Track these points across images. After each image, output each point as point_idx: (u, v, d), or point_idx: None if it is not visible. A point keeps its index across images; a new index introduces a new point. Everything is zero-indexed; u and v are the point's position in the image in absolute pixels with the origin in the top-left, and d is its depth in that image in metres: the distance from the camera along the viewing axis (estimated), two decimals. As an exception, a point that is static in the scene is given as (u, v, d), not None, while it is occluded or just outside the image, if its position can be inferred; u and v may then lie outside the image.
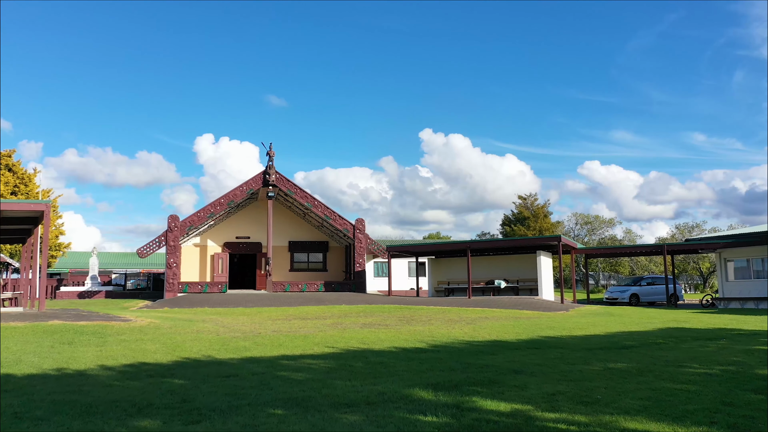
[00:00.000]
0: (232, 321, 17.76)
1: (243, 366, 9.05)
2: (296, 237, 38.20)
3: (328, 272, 38.14)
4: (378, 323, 16.99)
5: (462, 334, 14.12)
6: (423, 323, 17.01)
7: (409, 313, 20.91)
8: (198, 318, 18.55)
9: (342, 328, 15.31)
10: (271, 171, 33.51)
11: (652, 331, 15.27)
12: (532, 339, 13.20)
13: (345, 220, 34.36)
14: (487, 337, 13.54)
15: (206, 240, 37.10)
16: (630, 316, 20.62)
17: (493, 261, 31.35)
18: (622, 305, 30.79)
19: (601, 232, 54.72)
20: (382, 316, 19.62)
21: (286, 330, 14.86)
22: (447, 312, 21.70)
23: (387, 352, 10.72)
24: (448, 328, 15.37)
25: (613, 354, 10.87)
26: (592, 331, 14.92)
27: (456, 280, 31.90)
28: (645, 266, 51.37)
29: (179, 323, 15.90)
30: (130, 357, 9.86)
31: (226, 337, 12.89)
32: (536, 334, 14.25)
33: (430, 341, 12.56)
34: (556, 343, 12.41)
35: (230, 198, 33.23)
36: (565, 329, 15.43)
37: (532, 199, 54.64)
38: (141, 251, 31.82)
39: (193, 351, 10.60)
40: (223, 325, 15.83)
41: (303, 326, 15.97)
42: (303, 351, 10.80)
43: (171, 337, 12.56)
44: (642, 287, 34.38)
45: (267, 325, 16.17)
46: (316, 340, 12.47)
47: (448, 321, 17.81)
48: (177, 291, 31.64)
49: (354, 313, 21.27)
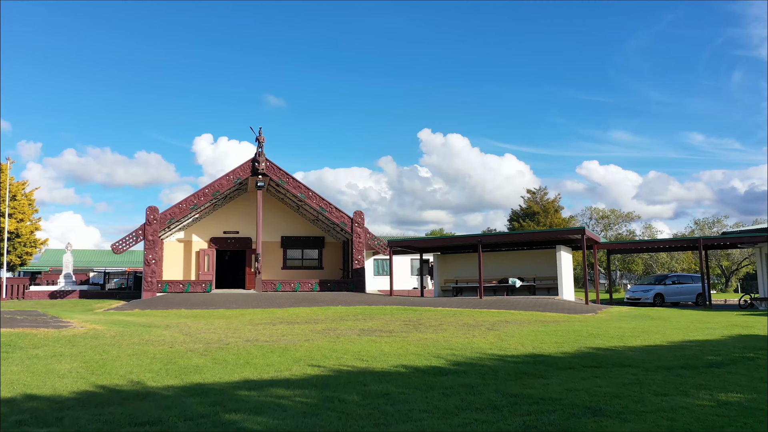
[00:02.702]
0: (203, 326, 14.70)
1: (177, 402, 5.99)
2: (289, 232, 35.07)
3: (324, 270, 35.02)
4: (379, 329, 13.95)
5: (487, 344, 11.07)
6: (434, 329, 13.96)
7: (415, 316, 17.87)
8: (163, 323, 15.47)
9: (335, 336, 12.26)
10: (260, 158, 30.39)
11: (723, 339, 12.22)
12: (580, 352, 10.15)
13: (342, 212, 31.26)
14: (520, 348, 10.49)
15: (191, 235, 33.99)
16: (674, 320, 17.57)
17: (507, 257, 28.25)
18: (646, 306, 27.87)
19: (617, 228, 51.51)
20: (384, 320, 16.57)
21: (265, 338, 11.81)
22: (459, 314, 18.65)
23: (393, 375, 7.68)
24: (467, 336, 12.32)
25: (706, 376, 7.83)
26: (648, 341, 11.87)
27: (465, 279, 28.82)
28: (664, 263, 48.18)
29: (132, 330, 12.83)
30: (21, 384, 6.81)
31: (180, 350, 9.83)
32: (581, 344, 11.20)
33: (449, 355, 9.51)
34: (616, 359, 9.36)
35: (215, 188, 30.11)
36: (611, 337, 12.38)
37: (541, 194, 51.35)
38: (116, 246, 28.70)
39: (120, 374, 7.54)
40: (187, 333, 12.76)
41: (287, 333, 12.92)
42: (276, 373, 7.75)
43: (104, 351, 9.50)
44: (667, 286, 31.41)
45: (243, 332, 13.12)
46: (299, 355, 9.41)
47: (464, 326, 14.76)
48: (156, 290, 28.55)
49: (351, 315, 18.21)
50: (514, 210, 53.15)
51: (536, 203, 50.78)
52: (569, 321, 16.81)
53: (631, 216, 51.92)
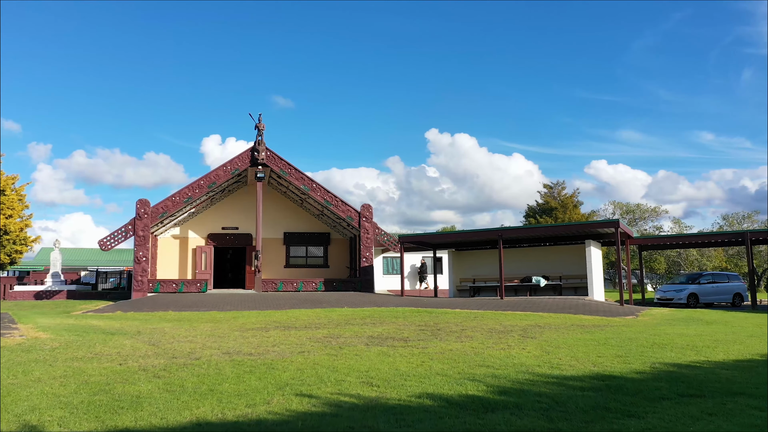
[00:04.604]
0: (183, 333, 12.36)
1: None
2: (292, 228, 32.70)
3: (330, 269, 32.61)
4: (391, 336, 11.56)
5: (531, 358, 8.64)
6: (457, 336, 11.55)
7: (431, 320, 15.45)
8: (136, 328, 13.14)
9: (337, 346, 9.87)
10: (260, 148, 28.04)
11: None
12: (657, 370, 7.71)
13: (348, 206, 28.86)
14: (576, 365, 8.06)
15: (187, 231, 31.70)
16: (734, 324, 15.03)
17: (529, 254, 25.73)
18: (678, 307, 25.29)
19: (642, 223, 48.67)
20: (397, 324, 14.17)
21: (250, 349, 9.44)
22: (481, 318, 16.21)
23: (417, 412, 5.27)
24: (501, 346, 9.89)
25: None
26: (731, 353, 9.38)
27: (483, 277, 26.34)
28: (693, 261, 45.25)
29: (88, 339, 10.50)
30: None
31: (132, 368, 7.47)
32: (650, 357, 8.75)
33: (488, 376, 7.09)
34: (714, 382, 6.90)
35: (211, 179, 27.75)
36: (682, 347, 9.91)
37: (559, 188, 48.53)
38: (103, 242, 26.44)
39: (17, 411, 5.18)
40: (155, 342, 10.41)
41: (279, 342, 10.55)
42: (246, 409, 5.36)
43: (25, 370, 7.16)
44: (702, 285, 28.70)
45: (226, 341, 10.76)
46: (286, 376, 7.03)
47: (492, 332, 12.34)
48: (147, 290, 26.28)
49: (358, 319, 15.82)
50: (530, 206, 50.35)
51: (553, 198, 48.02)
52: (611, 325, 14.33)
53: (657, 211, 49.02)
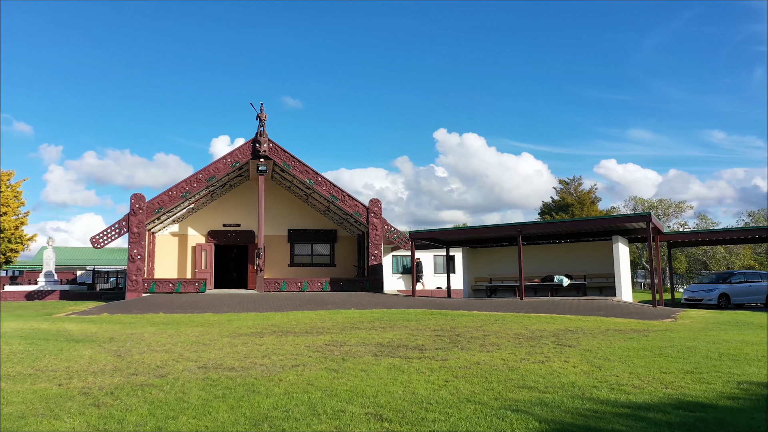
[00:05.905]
0: (164, 339, 10.71)
1: None
2: (297, 225, 31.04)
3: (336, 267, 30.92)
4: (404, 343, 9.84)
5: (580, 375, 6.89)
6: (480, 344, 9.81)
7: (448, 323, 13.70)
8: (112, 334, 11.50)
9: (340, 358, 8.17)
10: (261, 139, 26.38)
11: None
12: (752, 393, 5.95)
13: (356, 201, 27.14)
14: (641, 385, 6.30)
15: (186, 228, 30.12)
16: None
17: (550, 251, 23.91)
18: (709, 308, 23.42)
19: (665, 220, 46.52)
20: (409, 329, 12.45)
21: (233, 362, 7.76)
22: (503, 321, 14.45)
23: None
24: (537, 357, 8.14)
25: None
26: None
27: (500, 276, 24.54)
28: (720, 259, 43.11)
29: (44, 347, 8.85)
30: None
31: (72, 390, 5.81)
32: (731, 374, 6.98)
33: (535, 403, 5.35)
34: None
35: (210, 173, 26.11)
36: (758, 359, 8.12)
37: (575, 184, 46.54)
38: (95, 240, 24.91)
39: None
40: (123, 352, 8.74)
41: (272, 352, 8.86)
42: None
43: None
44: (733, 285, 26.76)
45: (208, 351, 9.08)
46: (265, 407, 5.32)
47: (519, 338, 10.59)
48: (141, 290, 24.72)
49: (365, 322, 14.11)
50: (545, 202, 48.36)
51: (570, 194, 46.04)
52: (653, 330, 12.53)
53: (682, 207, 46.81)
